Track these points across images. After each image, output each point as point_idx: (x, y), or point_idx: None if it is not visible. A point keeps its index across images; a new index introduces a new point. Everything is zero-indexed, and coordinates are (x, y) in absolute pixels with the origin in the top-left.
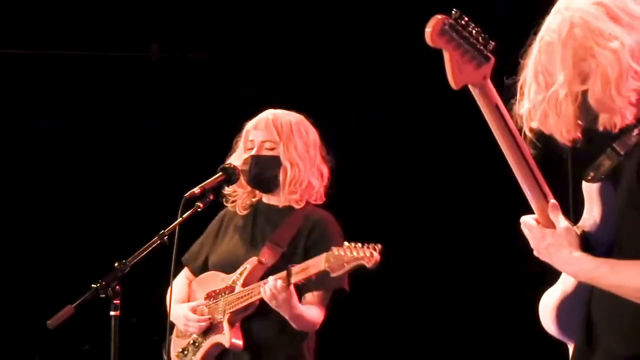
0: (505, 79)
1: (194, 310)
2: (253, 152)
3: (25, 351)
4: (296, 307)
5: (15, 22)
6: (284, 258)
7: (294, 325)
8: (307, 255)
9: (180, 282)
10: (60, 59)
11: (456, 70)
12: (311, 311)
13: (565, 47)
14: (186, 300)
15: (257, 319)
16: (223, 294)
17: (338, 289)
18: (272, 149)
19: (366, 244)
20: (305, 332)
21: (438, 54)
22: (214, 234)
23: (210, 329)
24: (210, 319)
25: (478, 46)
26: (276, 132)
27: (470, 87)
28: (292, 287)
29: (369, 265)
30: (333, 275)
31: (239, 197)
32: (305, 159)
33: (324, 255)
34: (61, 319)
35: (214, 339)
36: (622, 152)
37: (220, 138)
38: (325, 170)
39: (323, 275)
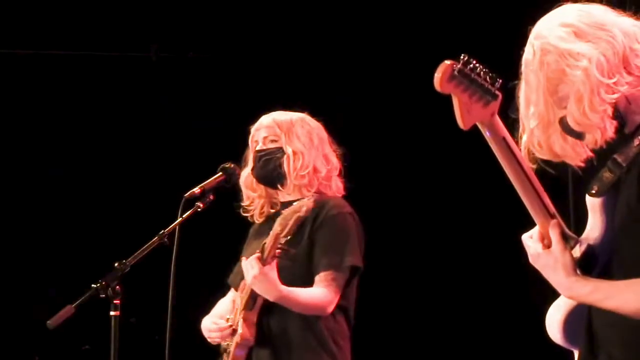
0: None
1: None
2: (257, 148)
3: (25, 351)
4: (279, 288)
5: (15, 22)
6: (287, 246)
7: (295, 310)
8: (312, 239)
9: (225, 300)
10: (61, 59)
11: (464, 112)
12: (309, 292)
13: (538, 76)
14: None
15: (275, 314)
16: (238, 297)
17: (351, 267)
18: (274, 142)
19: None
20: (321, 318)
21: (439, 56)
22: (244, 248)
23: (234, 333)
24: (231, 325)
25: (486, 86)
26: (277, 126)
27: (479, 125)
28: (271, 268)
29: (302, 214)
30: (282, 235)
31: (255, 205)
32: (309, 145)
33: (277, 219)
34: (61, 319)
35: (234, 340)
36: (623, 164)
37: (221, 138)
38: (335, 160)
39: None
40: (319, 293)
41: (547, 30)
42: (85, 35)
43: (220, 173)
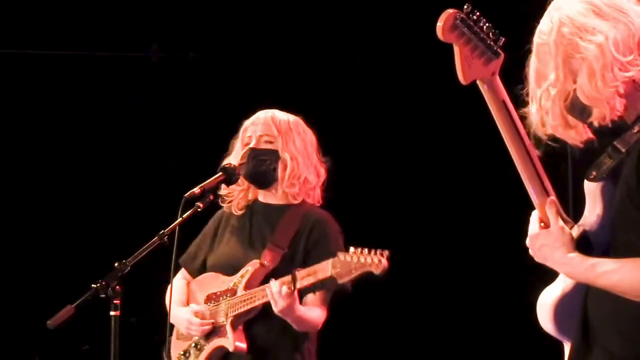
0: (518, 88)
1: (196, 314)
2: (251, 146)
3: (25, 351)
4: (298, 310)
5: (15, 22)
6: (285, 260)
7: (295, 327)
8: (308, 255)
9: (178, 284)
10: (61, 59)
11: (465, 66)
12: (312, 312)
13: (555, 47)
14: (185, 301)
15: (259, 322)
16: (224, 297)
17: (340, 288)
18: (270, 143)
19: (373, 250)
20: (307, 333)
21: (438, 53)
22: (211, 235)
23: (212, 332)
24: (212, 322)
25: (488, 42)
26: (275, 127)
27: (479, 83)
28: (295, 292)
29: (377, 272)
30: (340, 281)
31: (235, 197)
32: (304, 154)
33: (330, 261)
34: (61, 319)
35: (216, 342)
36: (623, 150)
37: (220, 138)
38: (322, 171)
39: (328, 279)
40: (318, 314)
41: (566, 4)
42: (85, 35)
43: (220, 173)
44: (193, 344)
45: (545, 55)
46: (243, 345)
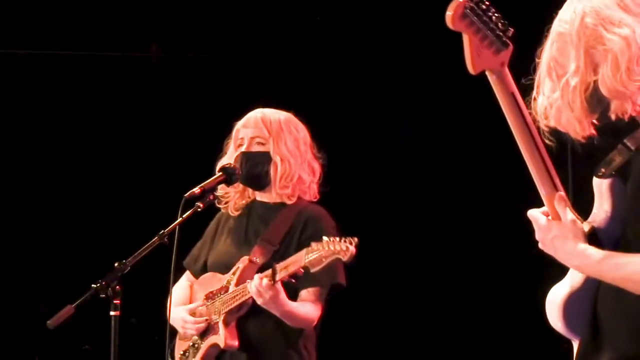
0: (523, 79)
1: (192, 313)
2: (243, 149)
3: (25, 351)
4: (285, 304)
5: (15, 22)
6: (276, 256)
7: (287, 323)
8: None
9: (181, 285)
10: (61, 59)
11: (475, 55)
12: (304, 308)
13: (577, 37)
14: (186, 302)
15: (253, 318)
16: (219, 295)
17: (334, 284)
18: (262, 145)
19: (344, 238)
20: (302, 328)
21: (437, 52)
22: (212, 235)
23: (207, 330)
24: (207, 320)
25: (497, 32)
26: (265, 129)
27: (488, 74)
28: (279, 285)
29: (344, 258)
30: (313, 270)
31: (231, 198)
32: (296, 154)
33: (304, 251)
34: (61, 319)
35: (210, 340)
36: (632, 148)
37: (220, 138)
38: (317, 167)
39: (309, 272)
40: (311, 309)
41: None
42: (85, 35)
43: (220, 173)
44: (191, 344)
45: (565, 45)
46: (234, 342)
